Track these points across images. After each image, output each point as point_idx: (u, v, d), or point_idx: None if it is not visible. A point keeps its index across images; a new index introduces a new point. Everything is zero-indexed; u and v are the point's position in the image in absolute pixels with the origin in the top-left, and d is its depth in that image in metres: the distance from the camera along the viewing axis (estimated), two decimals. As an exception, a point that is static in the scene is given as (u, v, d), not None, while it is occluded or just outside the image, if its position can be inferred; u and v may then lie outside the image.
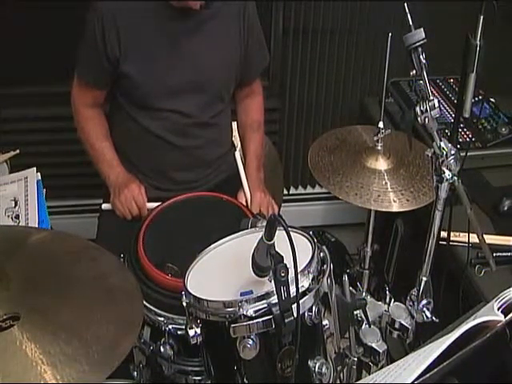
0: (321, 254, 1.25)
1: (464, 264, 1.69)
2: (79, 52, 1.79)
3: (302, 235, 1.29)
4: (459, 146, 1.80)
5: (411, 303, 1.52)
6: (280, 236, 1.09)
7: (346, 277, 1.35)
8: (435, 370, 0.78)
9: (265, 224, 1.11)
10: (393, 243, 2.29)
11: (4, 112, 2.40)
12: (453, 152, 1.33)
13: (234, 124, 2.05)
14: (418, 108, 1.32)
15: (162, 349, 1.42)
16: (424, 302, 1.49)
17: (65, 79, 1.88)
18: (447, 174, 1.33)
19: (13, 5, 2.18)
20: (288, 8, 2.40)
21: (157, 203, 1.71)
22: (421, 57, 1.30)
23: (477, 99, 2.04)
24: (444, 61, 2.36)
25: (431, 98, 1.31)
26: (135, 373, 1.52)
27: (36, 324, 1.00)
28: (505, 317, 0.87)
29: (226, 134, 2.02)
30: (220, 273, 1.27)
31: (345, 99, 2.65)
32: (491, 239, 1.71)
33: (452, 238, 1.67)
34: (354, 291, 1.68)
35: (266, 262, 1.12)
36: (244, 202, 1.82)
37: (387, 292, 1.61)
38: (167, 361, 1.44)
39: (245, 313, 1.12)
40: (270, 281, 1.11)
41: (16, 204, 1.68)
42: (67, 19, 2.02)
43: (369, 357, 1.50)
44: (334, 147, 1.78)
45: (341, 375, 1.45)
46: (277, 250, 1.10)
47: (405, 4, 1.29)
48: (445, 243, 1.63)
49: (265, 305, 1.12)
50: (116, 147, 1.88)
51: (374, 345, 1.49)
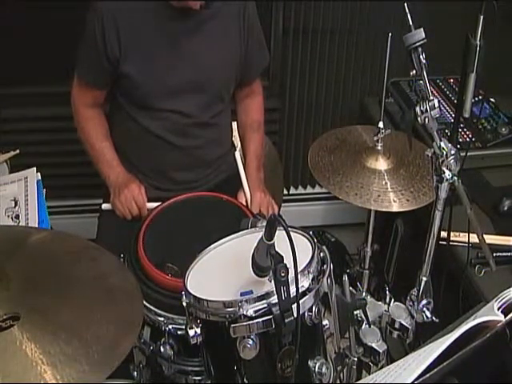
0: (321, 254, 1.25)
1: (464, 264, 1.69)
2: (79, 52, 1.79)
3: (302, 235, 1.29)
4: (459, 146, 1.79)
5: (411, 303, 1.52)
6: (280, 236, 1.09)
7: (346, 277, 1.35)
8: (435, 370, 0.78)
9: (265, 224, 1.11)
10: (393, 243, 2.29)
11: (4, 112, 2.40)
12: (453, 152, 1.33)
13: (234, 124, 2.05)
14: (418, 108, 1.32)
15: (162, 349, 1.42)
16: (424, 302, 1.49)
17: (65, 79, 1.87)
18: (447, 174, 1.33)
19: (13, 5, 2.18)
20: (288, 8, 2.40)
21: (157, 203, 1.71)
22: (421, 57, 1.30)
23: (477, 99, 2.04)
24: (444, 61, 2.37)
25: (431, 98, 1.31)
26: (135, 373, 1.52)
27: (36, 324, 1.00)
28: (505, 317, 0.87)
29: (226, 134, 2.02)
30: (220, 273, 1.27)
31: (345, 99, 2.65)
32: (491, 239, 1.71)
33: (452, 238, 1.67)
34: (354, 291, 1.68)
35: (266, 262, 1.12)
36: (244, 202, 1.82)
37: (387, 292, 1.61)
38: (167, 361, 1.44)
39: (245, 313, 1.12)
40: (270, 281, 1.11)
41: (16, 204, 1.68)
42: (67, 19, 2.02)
43: (369, 357, 1.50)
44: (334, 147, 1.78)
45: (341, 375, 1.45)
46: (277, 250, 1.10)
47: (405, 4, 1.29)
48: (445, 243, 1.63)
49: (265, 305, 1.12)
50: (116, 147, 1.88)
51: (374, 345, 1.49)
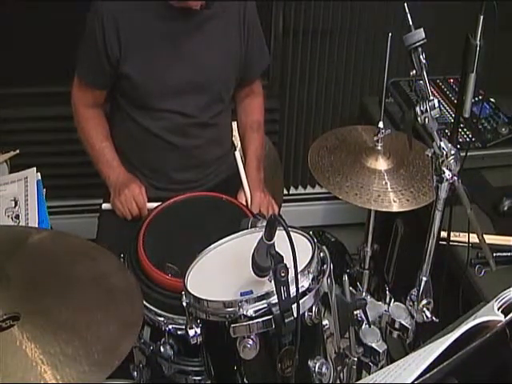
0: (321, 254, 1.25)
1: (464, 264, 1.69)
2: (79, 52, 1.79)
3: (302, 235, 1.29)
4: (459, 146, 1.80)
5: (411, 303, 1.52)
6: (280, 236, 1.09)
7: (346, 277, 1.35)
8: (435, 370, 0.78)
9: (265, 224, 1.11)
10: (393, 243, 2.28)
11: (4, 112, 2.40)
12: (453, 152, 1.33)
13: (234, 124, 2.05)
14: (418, 108, 1.32)
15: (162, 349, 1.42)
16: (424, 302, 1.49)
17: (65, 79, 1.88)
18: (447, 174, 1.33)
19: (13, 5, 2.18)
20: (288, 8, 2.40)
21: (157, 203, 1.71)
22: (421, 57, 1.30)
23: (477, 99, 2.04)
24: (444, 61, 2.37)
25: (431, 98, 1.31)
26: (135, 373, 1.52)
27: (36, 324, 1.00)
28: (505, 317, 0.87)
29: (226, 134, 2.02)
30: (220, 273, 1.27)
31: (345, 99, 2.65)
32: (491, 239, 1.71)
33: (452, 238, 1.67)
34: (354, 291, 1.68)
35: (266, 262, 1.12)
36: (244, 202, 1.82)
37: (387, 292, 1.61)
38: (167, 361, 1.44)
39: (245, 313, 1.12)
40: (270, 281, 1.11)
41: (16, 204, 1.68)
42: (67, 19, 2.02)
43: (369, 357, 1.50)
44: (334, 147, 1.78)
45: (341, 375, 1.45)
46: (277, 250, 1.10)
47: (405, 4, 1.29)
48: (445, 243, 1.63)
49: (265, 305, 1.12)
50: (116, 147, 1.88)
51: (374, 345, 1.49)
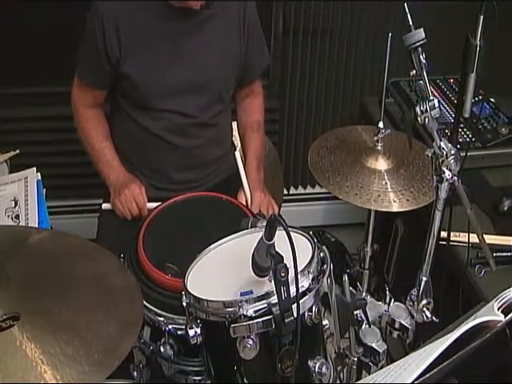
0: (321, 254, 1.25)
1: (464, 264, 1.69)
2: (79, 52, 1.79)
3: (302, 235, 1.29)
4: (459, 146, 1.80)
5: (411, 303, 1.52)
6: (280, 236, 1.09)
7: (346, 277, 1.35)
8: (435, 370, 0.78)
9: (265, 224, 1.11)
10: (393, 243, 2.28)
11: (4, 112, 2.40)
12: (453, 152, 1.32)
13: (234, 124, 2.05)
14: (418, 108, 1.32)
15: (162, 349, 1.42)
16: (424, 302, 1.49)
17: (65, 79, 1.87)
18: (447, 174, 1.33)
19: (13, 5, 2.18)
20: (288, 8, 2.40)
21: (157, 203, 1.71)
22: (421, 57, 1.30)
23: (477, 99, 2.04)
24: (444, 61, 2.37)
25: (431, 98, 1.31)
26: (135, 373, 1.52)
27: (36, 324, 1.00)
28: (505, 317, 0.87)
29: (226, 134, 2.02)
30: (220, 273, 1.27)
31: (345, 99, 2.65)
32: (491, 239, 1.71)
33: (452, 238, 1.67)
34: (354, 291, 1.68)
35: (266, 262, 1.12)
36: (244, 202, 1.82)
37: (387, 292, 1.61)
38: (167, 361, 1.44)
39: (245, 313, 1.12)
40: (270, 281, 1.11)
41: (16, 204, 1.68)
42: (67, 19, 2.02)
43: (369, 357, 1.50)
44: (334, 147, 1.78)
45: (341, 375, 1.45)
46: (277, 250, 1.10)
47: (405, 4, 1.29)
48: (445, 243, 1.63)
49: (265, 305, 1.12)
50: (116, 147, 1.88)
51: (374, 345, 1.49)
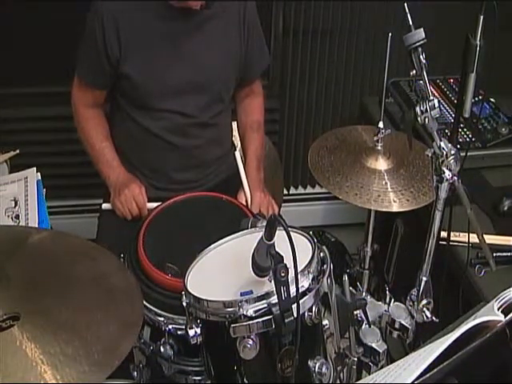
0: (321, 254, 1.25)
1: (464, 264, 1.69)
2: (79, 52, 1.79)
3: (302, 235, 1.29)
4: (459, 146, 1.80)
5: (411, 303, 1.52)
6: (280, 236, 1.09)
7: (346, 277, 1.35)
8: (435, 370, 0.78)
9: (265, 224, 1.11)
10: (393, 243, 2.28)
11: (4, 112, 2.40)
12: (453, 152, 1.32)
13: (234, 124, 2.05)
14: (418, 108, 1.32)
15: (162, 349, 1.42)
16: (424, 302, 1.49)
17: (65, 79, 1.87)
18: (447, 174, 1.33)
19: (13, 5, 2.19)
20: (288, 8, 2.40)
21: (157, 203, 1.71)
22: (421, 57, 1.30)
23: (477, 99, 2.04)
24: (444, 61, 2.37)
25: (431, 98, 1.31)
26: (135, 373, 1.52)
27: (36, 324, 1.00)
28: (505, 317, 0.87)
29: (226, 134, 2.02)
30: (220, 273, 1.27)
31: (345, 99, 2.65)
32: (491, 239, 1.71)
33: (452, 238, 1.67)
34: (354, 291, 1.68)
35: (266, 262, 1.12)
36: (244, 202, 1.82)
37: (387, 292, 1.61)
38: (167, 361, 1.44)
39: (245, 313, 1.12)
40: (270, 281, 1.11)
41: (16, 204, 1.68)
42: (67, 19, 2.02)
43: (369, 357, 1.50)
44: (334, 147, 1.78)
45: (341, 375, 1.45)
46: (277, 250, 1.10)
47: (405, 4, 1.29)
48: (445, 243, 1.63)
49: (265, 305, 1.12)
50: (116, 147, 1.88)
51: (374, 345, 1.49)
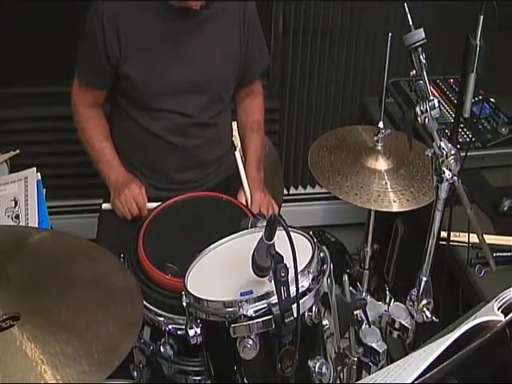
0: (321, 254, 1.25)
1: (464, 264, 1.69)
2: (79, 52, 1.79)
3: (302, 235, 1.29)
4: (459, 146, 1.79)
5: (411, 303, 1.52)
6: (280, 236, 1.09)
7: (346, 277, 1.35)
8: (435, 370, 0.78)
9: (265, 224, 1.11)
10: (393, 243, 2.28)
11: (4, 112, 2.40)
12: (453, 152, 1.32)
13: (234, 124, 2.05)
14: (418, 108, 1.32)
15: (162, 349, 1.42)
16: (424, 302, 1.49)
17: (65, 79, 1.87)
18: (447, 174, 1.33)
19: (13, 5, 2.19)
20: (288, 8, 2.40)
21: (157, 203, 1.71)
22: (421, 57, 1.30)
23: (477, 99, 2.04)
24: (444, 61, 2.37)
25: (431, 98, 1.31)
26: (135, 373, 1.52)
27: (36, 324, 1.00)
28: (505, 317, 0.87)
29: (226, 134, 2.02)
30: (220, 273, 1.27)
31: (345, 99, 2.65)
32: (491, 239, 1.70)
33: (452, 238, 1.67)
34: (354, 291, 1.68)
35: (266, 262, 1.12)
36: (244, 202, 1.82)
37: (387, 292, 1.61)
38: (167, 361, 1.44)
39: (245, 313, 1.12)
40: (270, 281, 1.11)
41: (16, 204, 1.68)
42: (67, 19, 2.02)
43: (369, 357, 1.50)
44: (334, 147, 1.78)
45: (341, 375, 1.45)
46: (277, 250, 1.10)
47: (405, 4, 1.29)
48: (445, 243, 1.63)
49: (265, 305, 1.12)
50: (116, 147, 1.88)
51: (374, 345, 1.49)
